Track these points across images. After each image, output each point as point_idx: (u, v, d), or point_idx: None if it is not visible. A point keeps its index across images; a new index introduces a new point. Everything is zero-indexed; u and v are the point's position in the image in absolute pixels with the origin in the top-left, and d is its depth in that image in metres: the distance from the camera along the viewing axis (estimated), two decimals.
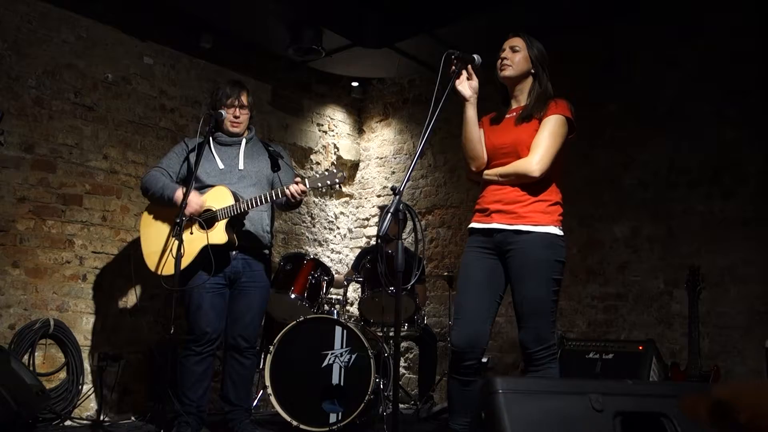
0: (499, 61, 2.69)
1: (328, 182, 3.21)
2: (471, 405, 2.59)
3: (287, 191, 3.21)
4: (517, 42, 2.69)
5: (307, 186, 3.22)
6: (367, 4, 4.85)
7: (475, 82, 2.60)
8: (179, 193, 3.30)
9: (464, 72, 2.57)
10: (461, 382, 2.59)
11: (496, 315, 2.66)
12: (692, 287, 3.67)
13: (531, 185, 2.57)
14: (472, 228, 2.70)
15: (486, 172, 2.69)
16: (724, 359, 3.94)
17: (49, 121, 4.07)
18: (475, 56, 2.61)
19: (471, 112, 2.62)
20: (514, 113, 2.69)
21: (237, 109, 3.48)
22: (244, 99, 3.50)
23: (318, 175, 3.23)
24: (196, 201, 3.27)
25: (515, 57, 2.67)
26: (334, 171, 3.22)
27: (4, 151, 3.84)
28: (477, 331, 2.55)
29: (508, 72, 2.67)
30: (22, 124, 3.95)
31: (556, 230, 2.57)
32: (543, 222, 2.55)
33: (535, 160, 2.53)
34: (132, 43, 4.53)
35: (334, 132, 6.07)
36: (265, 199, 3.26)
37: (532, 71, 2.69)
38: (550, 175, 2.58)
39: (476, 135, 2.66)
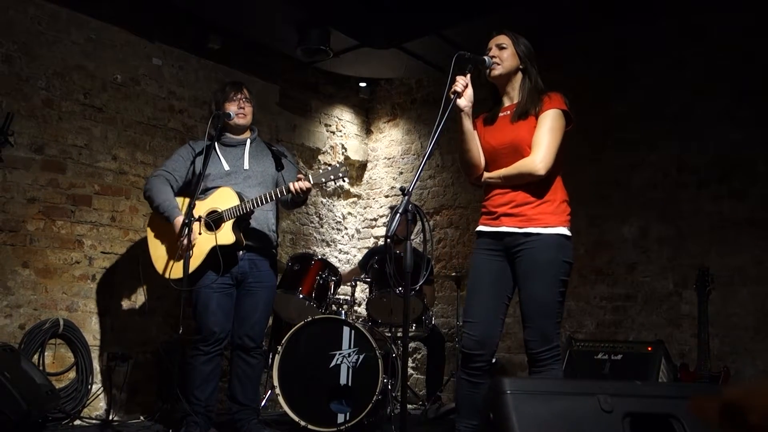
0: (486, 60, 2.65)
1: (332, 177, 3.22)
2: (479, 407, 2.58)
3: (291, 187, 3.21)
4: (503, 39, 2.66)
5: (311, 182, 3.23)
6: (375, 4, 4.85)
7: (470, 90, 2.55)
8: (179, 220, 3.28)
9: (462, 82, 2.52)
10: (471, 384, 2.59)
11: (505, 317, 2.66)
12: (702, 288, 3.65)
13: (536, 185, 2.55)
14: (480, 231, 2.68)
15: (488, 175, 2.66)
16: (734, 360, 3.92)
17: (59, 122, 4.10)
18: (486, 58, 2.60)
19: (468, 123, 2.58)
20: (509, 111, 2.66)
21: (241, 101, 3.51)
22: (246, 92, 3.55)
23: (321, 171, 3.25)
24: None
25: (503, 54, 2.63)
26: (337, 166, 3.23)
27: (14, 152, 3.87)
28: (487, 333, 2.56)
29: (497, 71, 2.63)
30: (32, 125, 3.98)
31: (565, 231, 2.55)
32: (553, 223, 2.53)
33: (539, 159, 2.50)
34: (141, 44, 4.55)
35: (341, 132, 6.08)
36: (270, 197, 3.27)
37: (521, 67, 2.65)
38: (554, 171, 2.57)
39: (475, 145, 2.63)
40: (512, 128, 2.60)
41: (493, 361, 2.63)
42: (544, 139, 2.53)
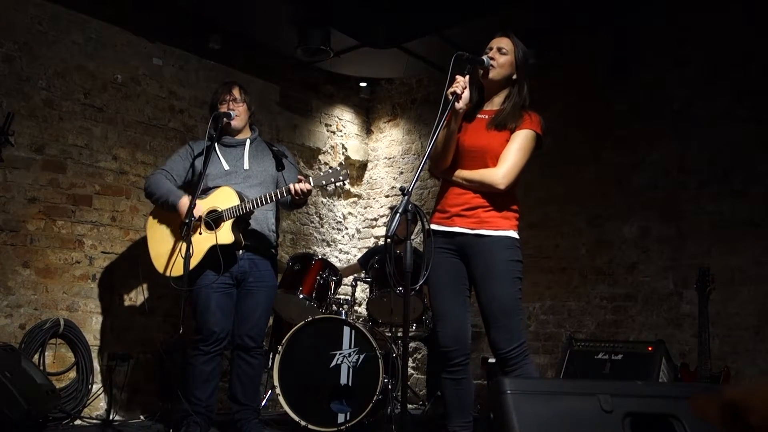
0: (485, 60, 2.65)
1: (332, 179, 3.22)
2: (466, 405, 2.63)
3: (292, 188, 3.21)
4: (505, 44, 2.66)
5: (312, 184, 3.23)
6: (375, 4, 4.85)
7: (467, 92, 2.55)
8: (184, 201, 3.30)
9: (461, 84, 2.52)
10: (454, 382, 2.63)
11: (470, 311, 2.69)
12: (702, 288, 3.64)
13: (493, 193, 2.60)
14: (432, 230, 2.70)
15: (452, 174, 2.69)
16: (735, 360, 3.92)
17: (59, 122, 4.10)
18: (484, 58, 2.61)
19: (455, 126, 2.59)
20: (486, 116, 2.67)
21: (230, 103, 3.50)
22: (235, 93, 3.52)
23: (322, 174, 3.26)
24: (199, 208, 3.28)
25: (501, 59, 2.63)
26: (338, 169, 3.24)
27: (14, 152, 3.87)
28: (459, 329, 2.61)
29: (492, 74, 2.63)
30: (33, 125, 3.98)
31: (514, 234, 2.63)
32: (503, 227, 2.60)
33: (502, 174, 2.56)
34: (141, 44, 4.55)
35: (342, 132, 6.08)
36: (270, 198, 3.27)
37: (514, 77, 2.67)
38: (512, 185, 2.62)
39: (453, 146, 2.64)
40: (486, 135, 2.63)
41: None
42: (512, 156, 2.58)
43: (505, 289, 2.55)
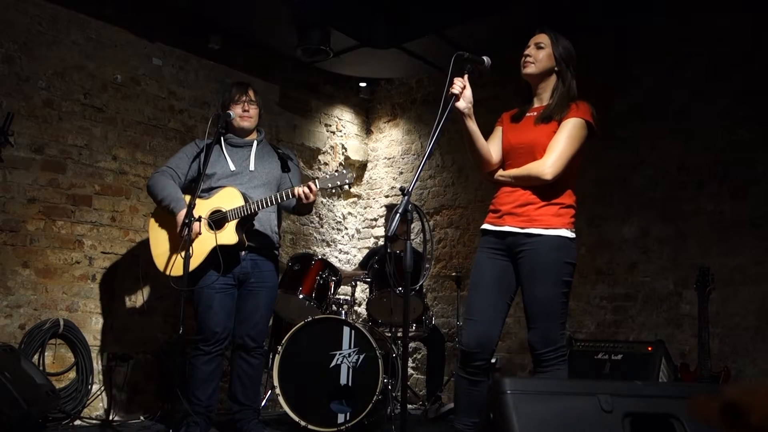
0: (522, 57, 2.65)
1: (338, 182, 3.20)
2: (477, 405, 2.58)
3: (298, 191, 3.21)
4: (542, 39, 2.65)
5: (317, 187, 3.22)
6: (375, 4, 4.85)
7: (468, 92, 2.54)
8: (182, 214, 3.25)
9: (459, 84, 2.52)
10: (469, 382, 2.59)
11: (506, 316, 2.65)
12: (702, 288, 3.64)
13: (545, 187, 2.55)
14: (484, 229, 2.69)
15: (499, 173, 2.68)
16: (735, 360, 3.92)
17: (59, 122, 4.10)
18: (485, 58, 2.59)
19: (470, 124, 2.59)
20: (535, 112, 2.66)
21: (245, 104, 3.52)
22: (251, 94, 3.55)
23: (327, 176, 3.24)
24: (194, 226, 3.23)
25: (539, 54, 2.63)
26: (344, 172, 3.21)
27: (14, 152, 3.86)
28: (487, 332, 2.55)
29: (530, 69, 2.63)
30: (32, 125, 3.98)
31: (568, 233, 2.55)
32: (555, 225, 2.53)
33: (548, 164, 2.50)
34: (141, 45, 4.55)
35: (342, 132, 6.08)
36: (275, 200, 3.27)
37: (556, 69, 2.64)
38: (564, 178, 2.55)
39: (482, 143, 2.64)
40: (533, 130, 2.61)
41: (493, 361, 2.63)
42: (559, 145, 2.53)
43: (547, 292, 2.49)
